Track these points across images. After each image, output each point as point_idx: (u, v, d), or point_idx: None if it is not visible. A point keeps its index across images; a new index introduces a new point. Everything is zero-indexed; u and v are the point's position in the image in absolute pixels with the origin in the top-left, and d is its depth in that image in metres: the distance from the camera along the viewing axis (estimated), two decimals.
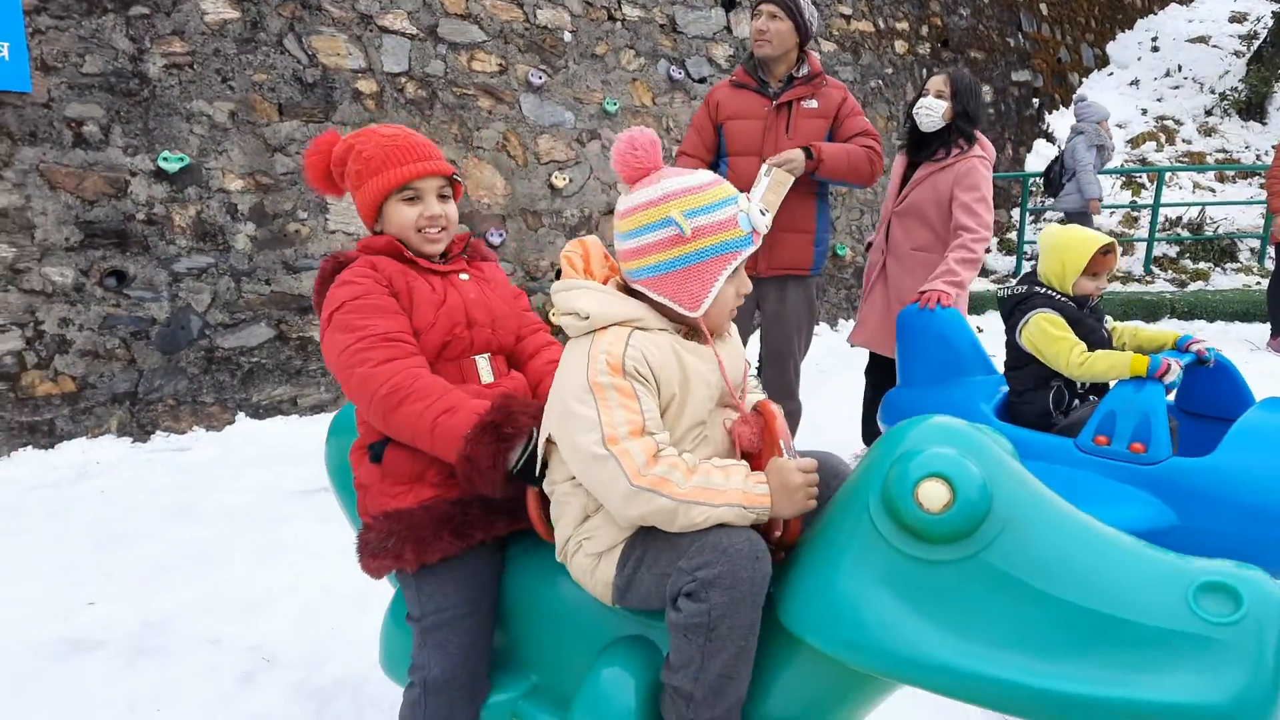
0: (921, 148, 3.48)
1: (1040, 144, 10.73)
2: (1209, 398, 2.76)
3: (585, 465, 1.31)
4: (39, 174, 4.21)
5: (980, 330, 7.51)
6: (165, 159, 4.53)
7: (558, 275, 6.12)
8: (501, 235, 5.77)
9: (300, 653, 2.50)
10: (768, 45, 3.20)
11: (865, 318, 3.68)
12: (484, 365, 1.73)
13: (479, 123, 5.70)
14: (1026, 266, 9.63)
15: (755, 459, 1.45)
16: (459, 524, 1.59)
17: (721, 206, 1.36)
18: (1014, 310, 2.75)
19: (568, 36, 6.15)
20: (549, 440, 1.42)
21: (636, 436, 1.29)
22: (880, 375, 3.72)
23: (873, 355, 3.77)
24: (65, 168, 4.28)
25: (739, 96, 3.32)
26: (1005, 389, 2.89)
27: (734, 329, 1.57)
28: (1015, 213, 9.93)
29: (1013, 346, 2.77)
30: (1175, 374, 2.43)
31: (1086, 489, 2.36)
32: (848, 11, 8.14)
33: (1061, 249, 2.69)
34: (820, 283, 3.44)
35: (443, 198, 1.73)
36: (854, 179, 3.22)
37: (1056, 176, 7.87)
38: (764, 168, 3.08)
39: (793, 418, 3.50)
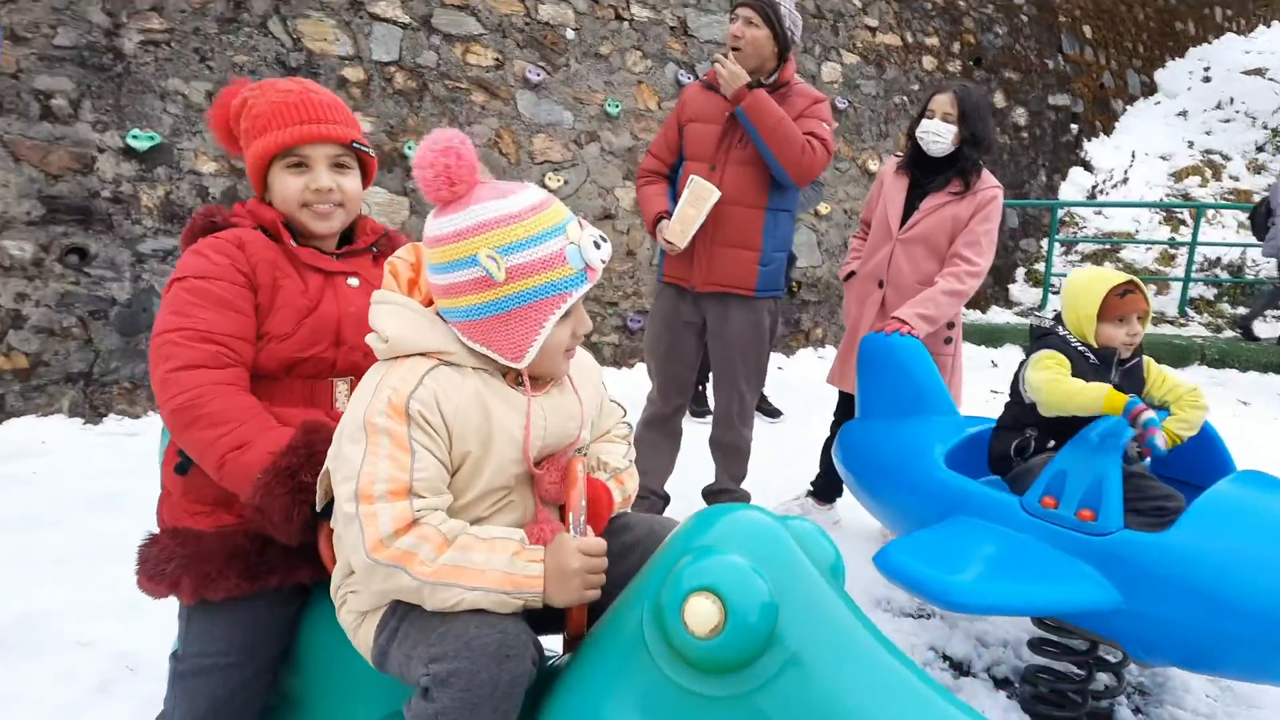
0: (929, 172, 3.17)
1: (1076, 172, 10.30)
2: (1184, 462, 2.47)
3: (338, 518, 1.12)
4: (2, 145, 4.12)
5: (995, 365, 7.18)
6: (135, 137, 4.42)
7: None
8: None
9: (165, 664, 2.33)
10: (740, 54, 3.00)
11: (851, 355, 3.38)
12: (343, 390, 1.47)
13: (471, 117, 5.54)
14: (1053, 300, 9.25)
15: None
16: (254, 564, 1.38)
17: (544, 240, 1.13)
18: (1033, 344, 2.48)
19: (570, 34, 5.96)
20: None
21: (394, 498, 1.07)
22: (848, 417, 3.47)
23: (841, 394, 3.50)
24: (30, 140, 4.19)
25: (704, 98, 3.12)
26: (969, 429, 2.66)
27: (585, 377, 1.32)
28: (1045, 243, 9.54)
29: (1015, 379, 2.51)
30: (1147, 421, 2.13)
31: (1025, 555, 2.10)
32: (873, 23, 7.85)
33: (1071, 297, 2.35)
34: (774, 306, 3.19)
35: (340, 167, 1.48)
36: (779, 154, 2.88)
37: (1261, 219, 7.41)
38: (691, 177, 2.89)
39: (738, 454, 3.27)
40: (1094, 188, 10.26)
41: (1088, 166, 10.43)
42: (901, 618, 2.77)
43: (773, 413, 5.23)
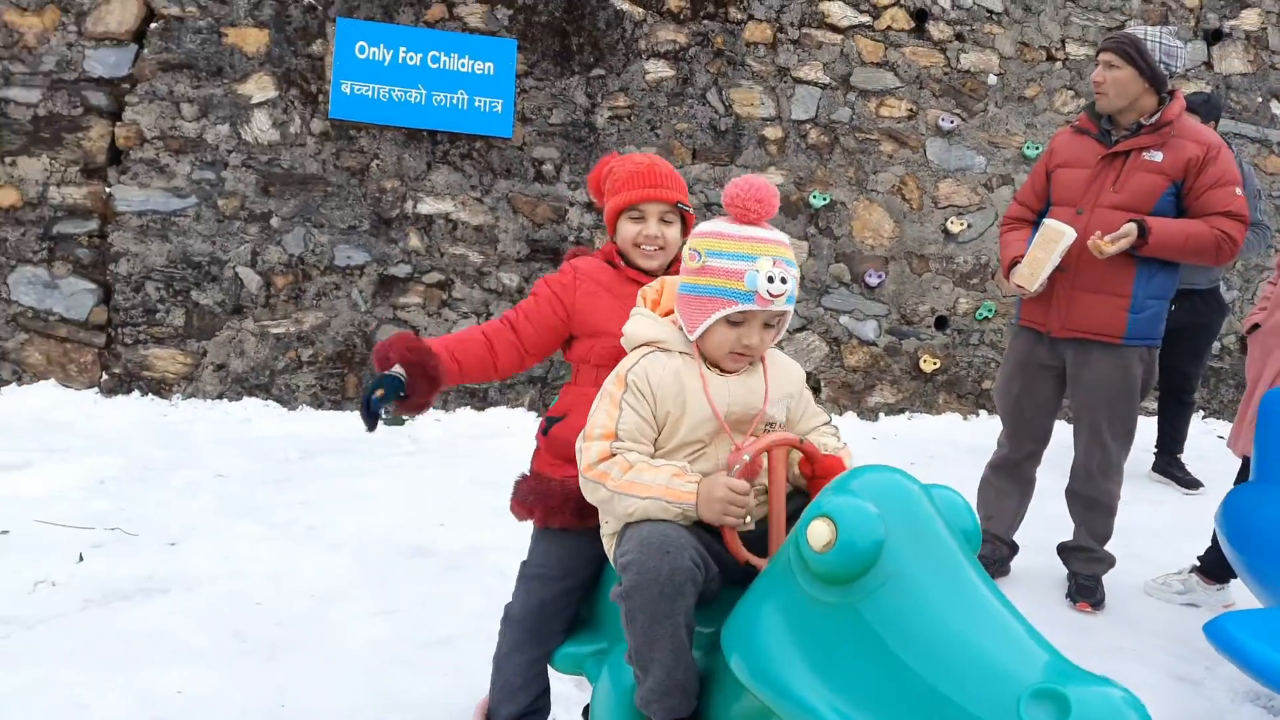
0: None
1: None
2: None
3: None
4: (507, 201, 5.46)
5: None
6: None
7: (937, 323, 5.89)
8: (880, 277, 5.78)
9: None
10: (1104, 98, 2.92)
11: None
12: None
13: (877, 166, 5.80)
14: None
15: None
16: (583, 507, 1.85)
17: (736, 258, 1.50)
18: None
19: (992, 79, 5.90)
20: None
21: (603, 439, 1.53)
22: None
23: (1244, 463, 3.05)
24: (525, 197, 5.49)
25: (1076, 143, 3.04)
26: None
27: (783, 372, 1.66)
28: None
29: None
30: None
31: None
32: None
33: None
34: (1147, 355, 2.93)
35: (666, 221, 1.97)
36: (1191, 261, 2.85)
37: None
38: (1044, 221, 2.82)
39: (1098, 509, 3.05)
40: None
41: None
42: None
43: (1190, 483, 4.59)
